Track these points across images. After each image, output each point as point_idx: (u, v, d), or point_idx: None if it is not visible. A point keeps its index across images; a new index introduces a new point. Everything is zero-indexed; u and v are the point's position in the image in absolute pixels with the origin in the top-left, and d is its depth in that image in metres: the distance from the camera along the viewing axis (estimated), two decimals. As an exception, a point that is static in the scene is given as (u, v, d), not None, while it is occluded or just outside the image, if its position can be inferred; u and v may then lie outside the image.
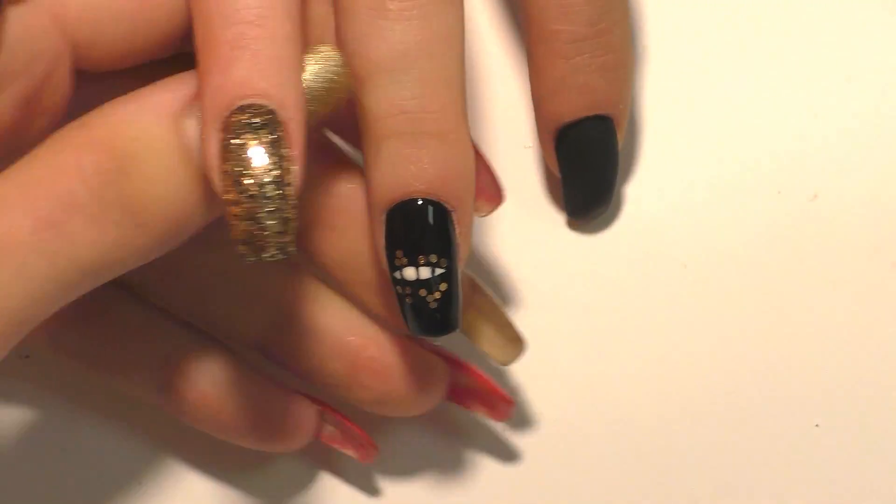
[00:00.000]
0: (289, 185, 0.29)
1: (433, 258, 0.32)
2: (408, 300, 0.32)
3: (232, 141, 0.29)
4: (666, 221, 0.40)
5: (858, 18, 0.40)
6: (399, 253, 0.32)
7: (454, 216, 0.32)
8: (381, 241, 0.32)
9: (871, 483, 0.38)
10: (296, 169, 0.29)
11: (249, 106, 0.29)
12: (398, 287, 0.32)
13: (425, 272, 0.32)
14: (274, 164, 0.29)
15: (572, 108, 0.37)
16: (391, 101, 0.31)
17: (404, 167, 0.31)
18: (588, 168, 0.38)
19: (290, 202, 0.29)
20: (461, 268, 0.33)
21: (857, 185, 0.40)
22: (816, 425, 0.39)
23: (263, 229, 0.29)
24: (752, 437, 0.39)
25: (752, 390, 0.39)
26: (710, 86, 0.40)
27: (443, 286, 0.32)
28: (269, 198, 0.29)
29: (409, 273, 0.32)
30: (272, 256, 0.29)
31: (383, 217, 0.32)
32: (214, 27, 0.29)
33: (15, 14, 0.30)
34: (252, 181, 0.29)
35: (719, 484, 0.39)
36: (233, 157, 0.29)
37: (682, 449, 0.39)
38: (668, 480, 0.39)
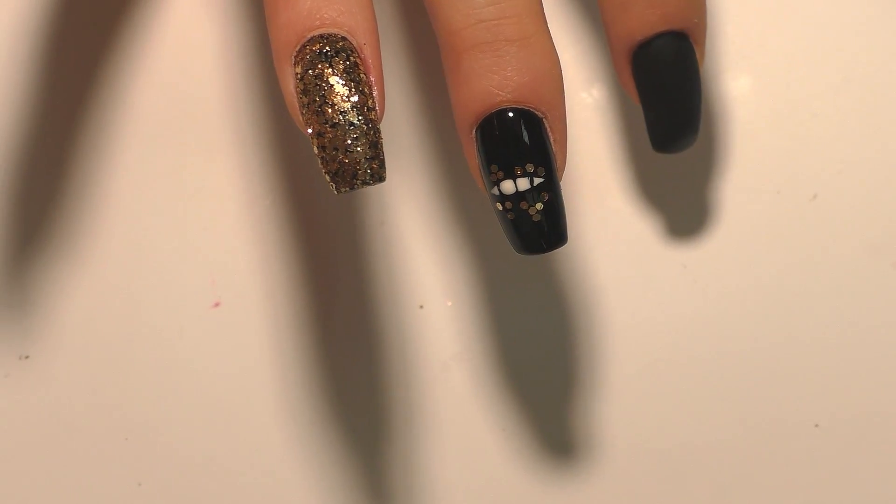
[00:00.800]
0: (372, 109, 0.29)
1: (530, 167, 0.31)
2: (509, 216, 0.31)
3: (308, 72, 0.29)
4: (666, 221, 0.40)
5: (857, 19, 0.40)
6: (494, 167, 0.31)
7: (546, 123, 0.31)
8: (475, 160, 0.31)
9: (871, 483, 0.38)
10: (376, 94, 0.29)
11: (320, 36, 0.29)
12: (498, 204, 0.31)
13: (524, 183, 0.31)
14: (353, 90, 0.29)
15: (644, 23, 0.34)
16: (466, 12, 0.30)
17: (487, 78, 0.30)
18: (668, 91, 0.35)
19: (374, 127, 0.29)
20: (561, 177, 0.31)
21: (856, 185, 0.40)
22: (816, 425, 0.39)
23: (353, 156, 0.28)
24: (752, 437, 0.39)
25: (752, 390, 0.39)
26: (710, 85, 0.40)
27: (544, 196, 0.31)
28: (353, 125, 0.29)
29: (507, 186, 0.31)
30: (364, 183, 0.29)
31: (473, 134, 0.31)
32: None
33: None
34: (334, 110, 0.28)
35: (719, 484, 0.39)
36: (311, 89, 0.29)
37: (682, 448, 0.39)
38: (668, 480, 0.39)
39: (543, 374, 0.39)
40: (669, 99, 0.35)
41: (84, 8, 0.40)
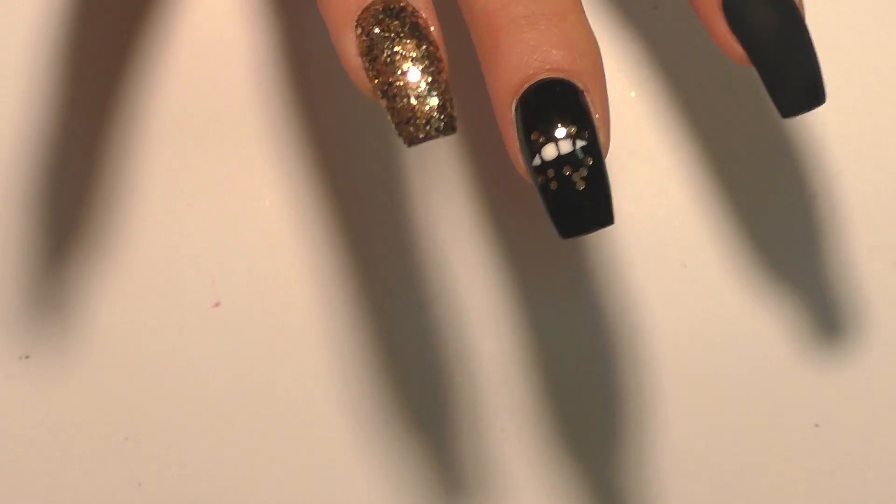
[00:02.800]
0: (441, 60, 0.29)
1: (572, 130, 0.29)
2: (552, 186, 0.29)
3: (374, 29, 0.29)
4: (666, 221, 0.40)
5: (857, 20, 0.40)
6: (535, 134, 0.30)
7: (588, 97, 0.30)
8: (514, 140, 0.30)
9: (871, 484, 0.38)
10: (441, 50, 0.29)
11: (376, 1, 0.29)
12: (539, 177, 0.29)
13: (566, 145, 0.29)
14: (423, 41, 0.29)
15: None
16: None
17: (527, 54, 0.30)
18: (775, 38, 0.31)
19: (445, 80, 0.29)
20: (606, 155, 0.30)
21: (856, 185, 0.40)
22: (816, 425, 0.39)
23: (427, 103, 0.29)
24: (752, 437, 0.39)
25: (751, 390, 0.39)
26: (710, 88, 0.40)
27: (588, 161, 0.29)
28: (426, 71, 0.29)
29: (549, 151, 0.29)
30: (438, 132, 0.29)
31: (513, 110, 0.30)
32: None
33: None
34: (405, 58, 0.29)
35: (719, 484, 0.39)
36: (379, 43, 0.29)
37: (681, 449, 0.39)
38: (667, 481, 0.39)
39: (544, 374, 0.39)
40: (783, 48, 0.31)
41: (81, 15, 0.40)
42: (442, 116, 0.29)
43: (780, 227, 0.40)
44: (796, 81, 0.31)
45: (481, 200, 0.40)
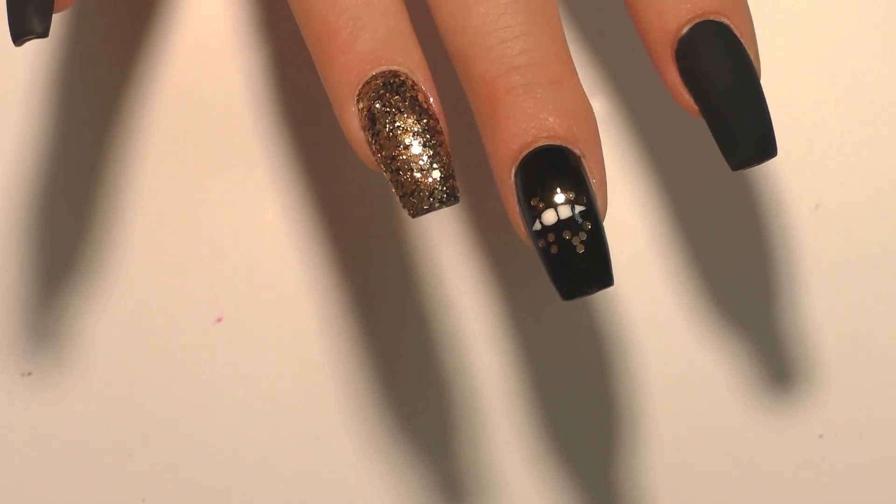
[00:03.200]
0: (440, 132, 0.30)
1: (570, 195, 0.30)
2: (552, 250, 0.30)
3: (375, 104, 0.30)
4: (669, 231, 0.40)
5: (858, 28, 0.40)
6: (534, 200, 0.30)
7: (585, 162, 0.31)
8: (514, 204, 0.31)
9: (875, 494, 0.39)
10: (441, 122, 0.30)
11: (381, 73, 0.30)
12: (540, 241, 0.30)
13: (565, 211, 0.30)
14: (423, 114, 0.30)
15: (676, 13, 0.31)
16: (499, 61, 0.31)
17: (525, 121, 0.31)
18: (726, 90, 0.31)
19: (446, 150, 0.30)
20: (603, 220, 0.31)
21: (858, 195, 0.40)
22: (820, 436, 0.39)
23: (430, 175, 0.30)
24: (755, 447, 0.39)
25: (754, 400, 0.39)
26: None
27: (586, 225, 0.30)
28: (427, 145, 0.30)
29: (549, 216, 0.30)
30: (442, 203, 0.30)
31: (513, 175, 0.31)
32: (328, 17, 0.31)
33: None
34: (406, 132, 0.30)
35: (722, 494, 0.39)
36: (380, 118, 0.30)
37: (683, 458, 0.39)
38: (669, 489, 0.39)
39: (549, 385, 0.39)
40: (731, 98, 0.31)
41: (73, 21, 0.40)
42: (444, 188, 0.30)
43: (782, 238, 0.40)
44: (747, 137, 0.31)
45: (487, 209, 0.40)
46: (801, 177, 0.40)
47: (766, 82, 0.41)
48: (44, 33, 0.29)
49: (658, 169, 0.40)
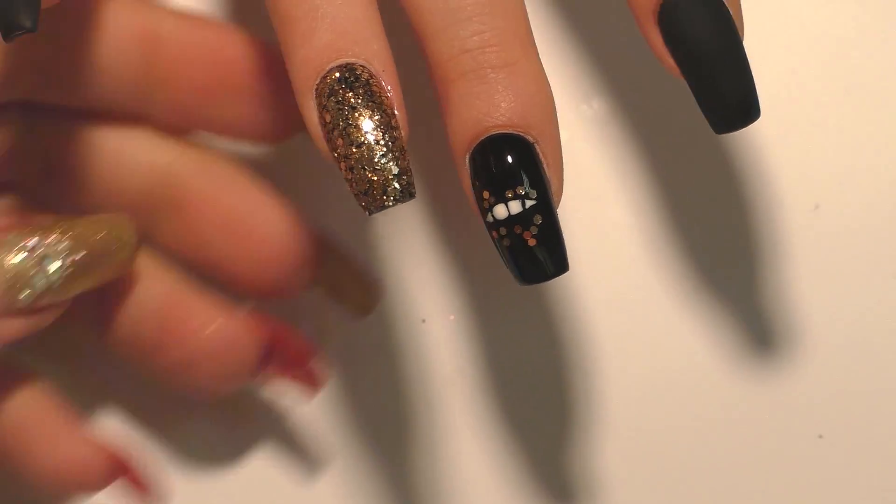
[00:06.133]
0: (396, 128, 0.30)
1: (520, 190, 0.30)
2: (505, 243, 0.30)
3: (331, 99, 0.30)
4: (667, 232, 0.40)
5: (858, 28, 0.40)
6: (486, 193, 0.30)
7: (538, 148, 0.30)
8: (470, 189, 0.31)
9: (875, 495, 0.39)
10: (399, 115, 0.30)
11: (338, 66, 0.30)
12: (493, 232, 0.31)
13: (515, 206, 0.30)
14: (376, 110, 0.30)
15: None
16: (451, 43, 0.30)
17: (475, 106, 0.30)
18: (708, 52, 0.31)
19: (400, 145, 0.30)
20: (558, 203, 0.31)
21: (858, 195, 0.40)
22: (819, 436, 0.39)
23: (382, 174, 0.29)
24: (755, 448, 0.39)
25: (754, 401, 0.39)
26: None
27: (537, 219, 0.30)
28: (380, 142, 0.29)
29: (500, 211, 0.30)
30: (396, 200, 0.29)
31: (466, 161, 0.31)
32: (290, 9, 0.30)
33: None
34: (359, 130, 0.29)
35: (721, 495, 0.39)
36: (335, 113, 0.30)
37: (684, 459, 0.39)
38: (670, 491, 0.39)
39: (545, 388, 0.39)
40: (713, 63, 0.31)
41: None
42: (398, 185, 0.29)
43: (782, 238, 0.40)
44: (729, 99, 0.31)
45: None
46: (801, 177, 0.40)
47: (766, 82, 0.40)
48: (32, 27, 0.29)
49: (657, 169, 0.40)
